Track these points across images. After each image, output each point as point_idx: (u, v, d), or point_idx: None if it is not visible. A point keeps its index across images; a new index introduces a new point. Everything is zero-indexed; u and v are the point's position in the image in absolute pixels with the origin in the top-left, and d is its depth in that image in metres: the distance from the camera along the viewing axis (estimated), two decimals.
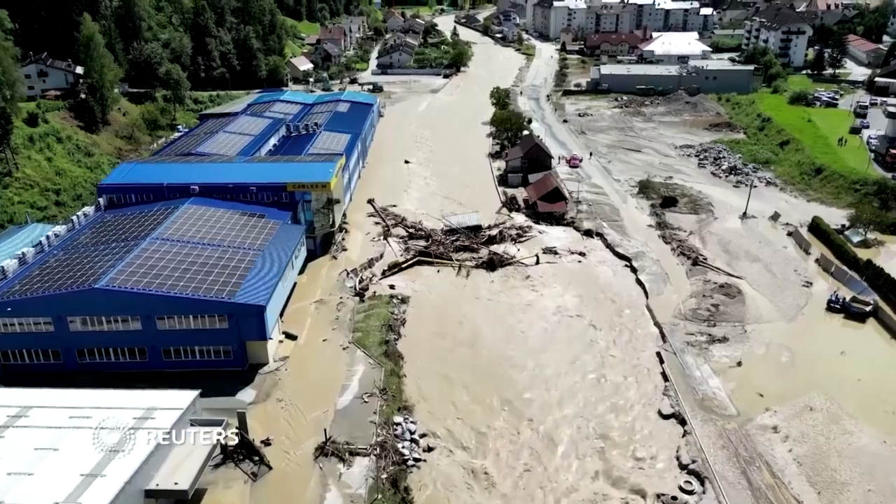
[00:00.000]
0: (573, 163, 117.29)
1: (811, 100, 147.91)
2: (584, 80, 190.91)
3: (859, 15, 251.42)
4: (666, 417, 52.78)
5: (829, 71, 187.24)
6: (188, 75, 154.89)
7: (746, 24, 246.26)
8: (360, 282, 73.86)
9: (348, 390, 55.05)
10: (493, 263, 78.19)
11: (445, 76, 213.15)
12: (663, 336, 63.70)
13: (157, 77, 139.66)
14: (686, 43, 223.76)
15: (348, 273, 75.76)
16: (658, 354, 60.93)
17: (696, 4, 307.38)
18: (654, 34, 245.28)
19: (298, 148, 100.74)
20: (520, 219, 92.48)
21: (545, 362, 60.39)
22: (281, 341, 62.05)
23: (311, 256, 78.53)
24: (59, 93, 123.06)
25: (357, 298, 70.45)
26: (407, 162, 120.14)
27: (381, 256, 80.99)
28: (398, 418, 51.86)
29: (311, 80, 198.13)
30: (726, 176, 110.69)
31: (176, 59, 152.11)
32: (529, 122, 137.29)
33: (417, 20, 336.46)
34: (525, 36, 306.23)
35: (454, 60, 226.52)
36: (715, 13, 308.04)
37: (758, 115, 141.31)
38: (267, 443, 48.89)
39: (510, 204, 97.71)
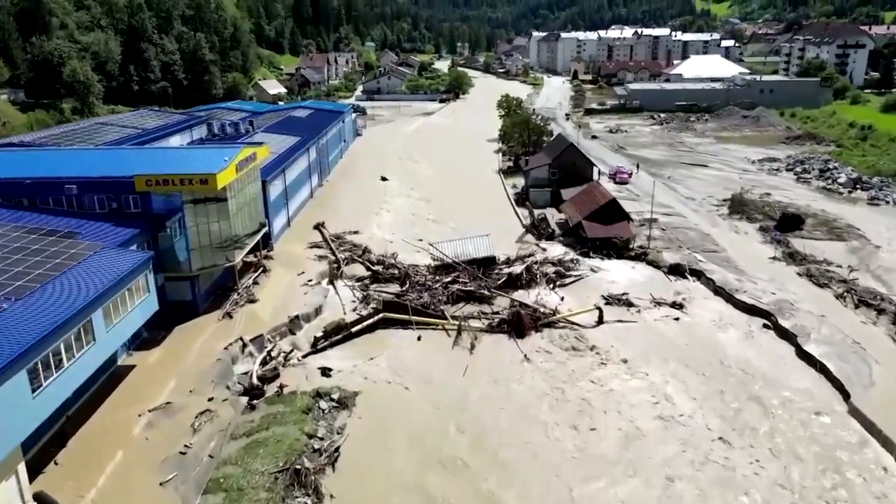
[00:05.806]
0: (620, 177, 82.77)
1: None
2: (609, 101, 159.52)
3: None
4: None
5: None
6: (118, 87, 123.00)
7: (785, 46, 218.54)
8: (263, 363, 37.74)
9: None
10: (520, 324, 42.16)
11: (442, 101, 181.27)
12: None
13: (62, 82, 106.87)
14: (719, 65, 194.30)
15: (245, 344, 39.64)
16: None
17: (717, 36, 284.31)
18: (675, 62, 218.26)
19: None
20: (556, 249, 56.81)
21: None
22: None
23: (188, 312, 42.78)
24: None
25: (245, 400, 34.24)
26: (384, 179, 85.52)
27: (318, 312, 45.12)
28: None
29: (282, 104, 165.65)
30: (849, 191, 76.26)
31: (100, 66, 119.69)
32: (551, 134, 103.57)
33: (413, 58, 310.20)
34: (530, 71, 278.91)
35: (452, 85, 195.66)
36: (736, 45, 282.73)
37: (850, 124, 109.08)
38: None
39: (538, 228, 62.33)
